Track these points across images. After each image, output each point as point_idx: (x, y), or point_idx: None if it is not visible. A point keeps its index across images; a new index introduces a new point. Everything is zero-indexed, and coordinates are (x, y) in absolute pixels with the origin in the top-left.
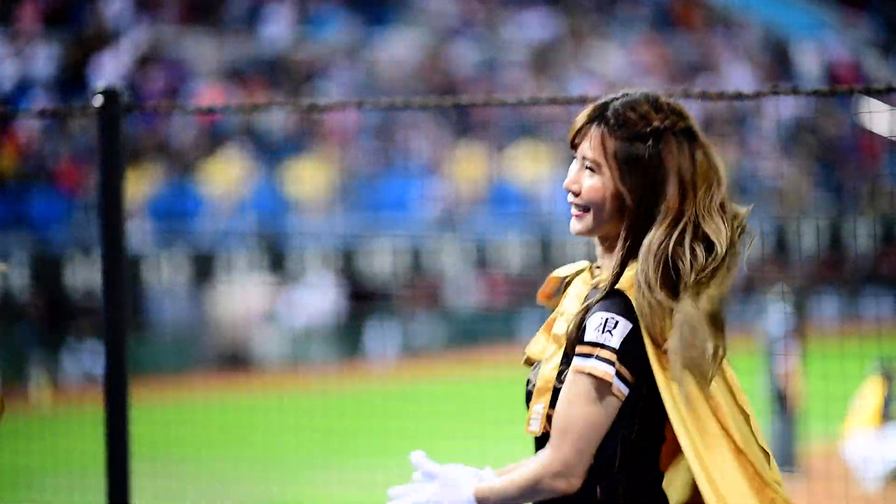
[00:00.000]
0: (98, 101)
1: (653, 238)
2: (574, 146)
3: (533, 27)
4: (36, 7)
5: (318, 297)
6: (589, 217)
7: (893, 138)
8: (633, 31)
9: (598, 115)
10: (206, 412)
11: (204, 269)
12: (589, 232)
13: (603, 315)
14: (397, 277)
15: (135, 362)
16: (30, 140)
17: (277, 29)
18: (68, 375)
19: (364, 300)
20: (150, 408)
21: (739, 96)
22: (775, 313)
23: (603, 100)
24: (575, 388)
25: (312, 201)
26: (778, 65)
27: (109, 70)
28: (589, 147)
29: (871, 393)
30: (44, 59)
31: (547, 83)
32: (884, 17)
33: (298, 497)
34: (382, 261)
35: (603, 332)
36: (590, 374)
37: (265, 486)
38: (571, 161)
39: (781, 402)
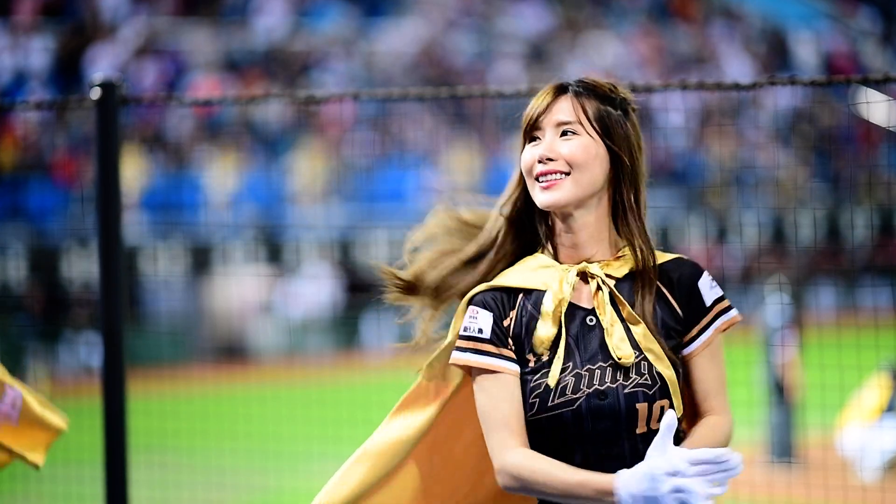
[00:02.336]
0: (96, 93)
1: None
2: (534, 128)
3: (529, 18)
4: None
5: (314, 289)
6: (568, 183)
7: (891, 128)
8: (630, 22)
9: (563, 89)
10: (202, 403)
11: (201, 260)
12: (567, 200)
13: (706, 275)
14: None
15: (132, 354)
16: (27, 132)
17: (273, 20)
18: (65, 367)
19: (361, 291)
20: (147, 399)
21: (737, 87)
22: (773, 304)
23: (555, 81)
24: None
25: (309, 192)
26: (775, 55)
27: (105, 62)
28: (565, 114)
29: (875, 388)
30: (40, 50)
31: (543, 74)
32: (881, 7)
33: (295, 488)
34: (379, 252)
35: (714, 286)
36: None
37: (262, 476)
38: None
39: (779, 393)
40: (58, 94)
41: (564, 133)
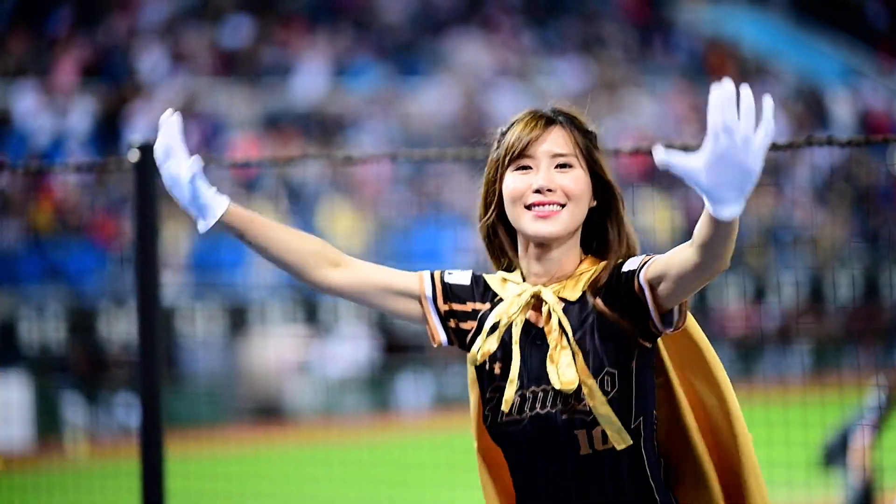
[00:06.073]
0: (134, 155)
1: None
2: (524, 156)
3: (565, 77)
4: (72, 61)
5: (351, 349)
6: (564, 214)
7: None
8: (667, 80)
9: (549, 119)
10: (240, 464)
11: (238, 320)
12: (561, 231)
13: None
14: None
15: (169, 414)
16: (66, 194)
17: (310, 80)
18: (103, 428)
19: (397, 351)
20: (185, 460)
21: (774, 147)
22: (872, 397)
23: (535, 109)
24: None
25: (346, 252)
26: (812, 113)
27: (144, 123)
28: (558, 145)
29: None
30: (79, 112)
31: None
32: None
33: None
34: None
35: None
36: None
37: None
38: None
39: (843, 456)
40: (96, 156)
41: (560, 165)
